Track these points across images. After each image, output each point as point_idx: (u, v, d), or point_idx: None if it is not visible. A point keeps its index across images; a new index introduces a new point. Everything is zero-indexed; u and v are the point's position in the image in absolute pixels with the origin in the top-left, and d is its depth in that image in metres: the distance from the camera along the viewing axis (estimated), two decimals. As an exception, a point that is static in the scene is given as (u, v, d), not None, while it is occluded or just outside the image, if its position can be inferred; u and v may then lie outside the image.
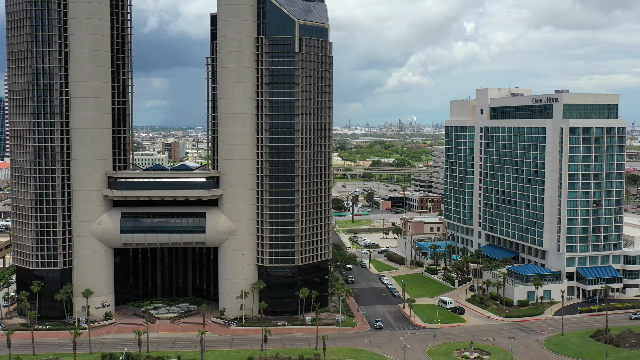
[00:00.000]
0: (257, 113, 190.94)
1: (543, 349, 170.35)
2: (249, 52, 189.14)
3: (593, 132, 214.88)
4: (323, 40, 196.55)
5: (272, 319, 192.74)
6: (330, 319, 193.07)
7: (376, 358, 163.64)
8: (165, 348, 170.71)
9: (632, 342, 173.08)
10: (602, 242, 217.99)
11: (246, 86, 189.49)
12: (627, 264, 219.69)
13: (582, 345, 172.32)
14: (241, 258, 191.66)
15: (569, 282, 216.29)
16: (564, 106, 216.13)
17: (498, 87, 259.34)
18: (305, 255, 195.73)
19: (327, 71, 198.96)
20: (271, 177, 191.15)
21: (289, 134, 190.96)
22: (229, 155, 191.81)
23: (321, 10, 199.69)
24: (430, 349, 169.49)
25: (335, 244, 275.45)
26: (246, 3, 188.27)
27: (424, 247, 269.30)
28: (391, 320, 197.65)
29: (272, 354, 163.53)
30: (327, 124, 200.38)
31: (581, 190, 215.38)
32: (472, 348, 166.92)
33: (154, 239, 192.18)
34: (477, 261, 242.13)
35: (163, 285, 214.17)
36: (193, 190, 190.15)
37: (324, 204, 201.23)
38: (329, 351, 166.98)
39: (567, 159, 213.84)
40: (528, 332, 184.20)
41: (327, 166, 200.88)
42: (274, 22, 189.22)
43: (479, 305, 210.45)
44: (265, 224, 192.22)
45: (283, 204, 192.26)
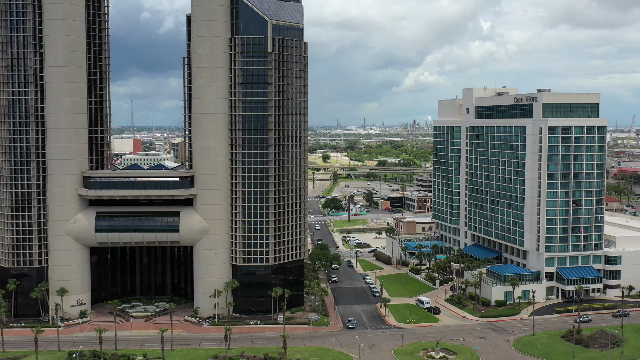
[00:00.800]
0: (230, 113, 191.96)
1: (511, 349, 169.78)
2: (222, 52, 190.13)
3: (572, 132, 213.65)
4: (297, 40, 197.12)
5: (246, 317, 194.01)
6: (304, 318, 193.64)
7: (341, 357, 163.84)
8: (135, 346, 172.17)
9: (602, 342, 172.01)
10: (582, 242, 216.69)
11: (219, 86, 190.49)
12: (608, 264, 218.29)
13: (551, 345, 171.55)
14: (215, 257, 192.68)
15: (549, 283, 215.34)
16: (543, 105, 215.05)
17: (484, 87, 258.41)
18: (279, 254, 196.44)
19: (302, 71, 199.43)
20: (244, 177, 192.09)
21: (262, 133, 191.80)
22: (203, 155, 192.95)
23: (296, 10, 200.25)
24: (397, 349, 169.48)
25: (321, 244, 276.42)
26: (219, 4, 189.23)
27: (410, 246, 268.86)
28: (365, 320, 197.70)
29: (238, 352, 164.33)
30: (302, 123, 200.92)
31: (560, 190, 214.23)
32: (438, 348, 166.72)
33: (129, 238, 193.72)
34: (460, 261, 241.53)
35: (142, 284, 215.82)
36: (166, 189, 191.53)
37: (298, 204, 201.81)
38: (296, 350, 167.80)
39: (545, 159, 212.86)
40: (500, 332, 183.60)
41: (301, 166, 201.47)
42: (247, 23, 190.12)
43: (456, 305, 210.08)
44: (238, 224, 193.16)
45: (256, 204, 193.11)
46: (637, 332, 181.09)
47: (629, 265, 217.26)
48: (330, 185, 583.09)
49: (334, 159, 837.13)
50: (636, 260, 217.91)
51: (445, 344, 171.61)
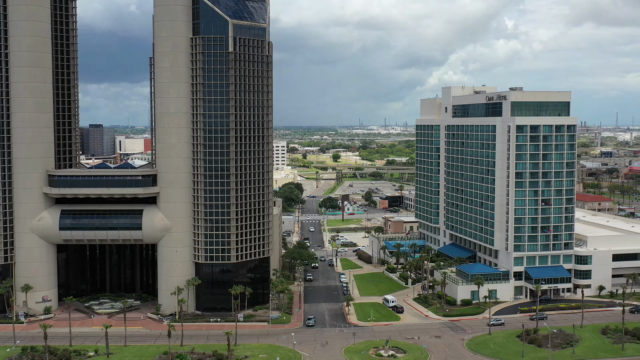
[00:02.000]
0: (192, 112, 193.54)
1: (463, 348, 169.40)
2: (183, 52, 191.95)
3: (541, 130, 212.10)
4: (260, 40, 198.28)
5: (208, 315, 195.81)
6: (266, 315, 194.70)
7: (290, 354, 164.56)
8: (92, 342, 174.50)
9: (556, 342, 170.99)
10: (552, 242, 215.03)
11: (181, 85, 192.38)
12: (579, 264, 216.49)
13: (504, 345, 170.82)
14: (177, 254, 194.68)
15: (517, 282, 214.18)
16: (512, 104, 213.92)
17: (462, 86, 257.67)
18: (241, 252, 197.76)
19: (266, 70, 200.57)
20: (206, 176, 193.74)
21: (224, 132, 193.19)
22: (165, 153, 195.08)
23: (260, 10, 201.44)
24: (349, 347, 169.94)
25: (300, 243, 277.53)
26: (180, 4, 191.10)
27: (389, 245, 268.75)
28: (327, 318, 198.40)
29: (189, 349, 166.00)
30: (266, 122, 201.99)
31: (529, 189, 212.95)
32: (388, 346, 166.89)
33: (92, 235, 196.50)
34: (431, 259, 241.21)
35: (111, 282, 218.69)
36: (129, 188, 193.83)
37: (263, 202, 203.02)
38: (247, 347, 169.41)
39: (513, 157, 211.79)
40: (457, 332, 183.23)
41: (265, 164, 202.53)
42: (208, 22, 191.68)
43: (422, 304, 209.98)
44: (200, 222, 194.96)
45: (218, 202, 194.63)
46: (596, 332, 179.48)
47: (599, 265, 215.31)
48: (334, 185, 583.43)
49: (345, 158, 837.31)
50: (607, 260, 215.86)
51: (397, 342, 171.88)
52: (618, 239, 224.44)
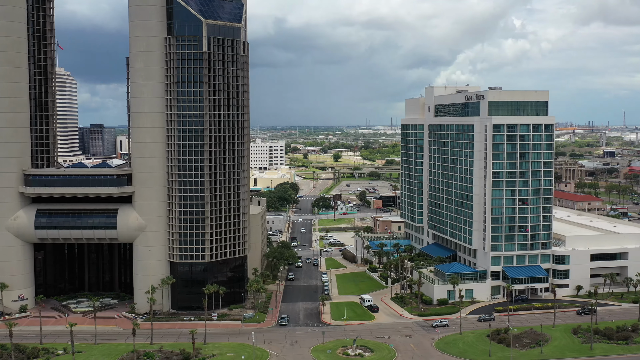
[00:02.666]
0: (166, 112, 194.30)
1: (432, 348, 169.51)
2: (157, 51, 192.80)
3: (518, 130, 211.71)
4: (235, 40, 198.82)
5: (183, 314, 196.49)
6: (240, 315, 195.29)
7: (258, 353, 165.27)
8: (64, 340, 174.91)
9: (526, 342, 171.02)
10: (530, 242, 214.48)
11: (155, 85, 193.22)
12: (557, 264, 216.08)
13: (472, 344, 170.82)
14: (151, 253, 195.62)
15: (495, 282, 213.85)
16: (489, 103, 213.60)
17: (444, 85, 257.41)
18: (216, 251, 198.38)
19: (241, 70, 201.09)
20: (180, 175, 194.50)
21: (198, 132, 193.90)
22: (140, 153, 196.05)
23: (235, 10, 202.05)
24: (317, 346, 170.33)
25: (283, 242, 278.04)
26: (154, 4, 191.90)
27: (373, 245, 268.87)
28: (302, 317, 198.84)
29: (157, 347, 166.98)
30: (242, 122, 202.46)
31: (506, 189, 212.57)
32: (355, 345, 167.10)
33: (68, 234, 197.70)
34: (416, 259, 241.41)
35: (90, 281, 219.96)
36: (103, 187, 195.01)
37: (238, 201, 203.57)
38: (216, 346, 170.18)
39: (490, 157, 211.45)
40: (428, 331, 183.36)
41: (241, 164, 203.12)
42: (182, 22, 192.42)
43: (399, 303, 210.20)
44: (175, 221, 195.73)
45: (192, 201, 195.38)
46: (567, 332, 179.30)
47: (577, 264, 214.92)
48: (332, 185, 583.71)
49: (345, 158, 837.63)
50: (585, 259, 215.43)
51: (365, 342, 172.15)
52: (597, 239, 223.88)
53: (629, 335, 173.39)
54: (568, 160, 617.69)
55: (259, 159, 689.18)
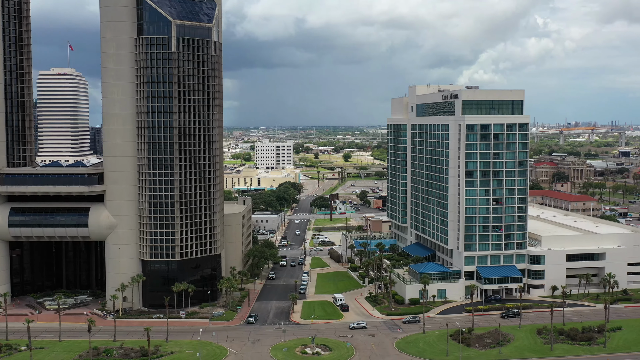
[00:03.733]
0: (137, 111, 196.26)
1: (391, 347, 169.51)
2: (127, 52, 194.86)
3: (492, 129, 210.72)
4: (205, 40, 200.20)
5: (153, 311, 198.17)
6: (209, 313, 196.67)
7: (217, 350, 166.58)
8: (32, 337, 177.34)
9: (487, 342, 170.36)
10: (504, 241, 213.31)
11: (125, 85, 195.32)
12: (532, 264, 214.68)
13: (432, 344, 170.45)
14: (123, 251, 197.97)
15: (468, 281, 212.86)
16: (463, 102, 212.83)
17: (427, 84, 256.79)
18: (187, 250, 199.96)
19: (212, 70, 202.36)
20: (150, 174, 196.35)
21: (168, 131, 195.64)
22: (111, 152, 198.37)
23: (207, 10, 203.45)
24: (278, 344, 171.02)
25: (266, 241, 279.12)
26: (124, 4, 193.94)
27: (357, 244, 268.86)
28: (271, 316, 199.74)
29: (118, 344, 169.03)
30: (213, 122, 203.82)
31: (480, 188, 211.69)
32: (314, 344, 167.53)
33: (41, 232, 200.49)
34: (396, 259, 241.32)
35: (68, 278, 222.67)
36: (74, 186, 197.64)
37: (210, 200, 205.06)
38: (178, 343, 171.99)
39: (464, 156, 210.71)
40: (393, 330, 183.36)
41: (213, 163, 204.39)
42: (151, 23, 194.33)
43: (371, 302, 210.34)
44: (145, 219, 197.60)
45: (162, 200, 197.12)
46: (532, 332, 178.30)
47: (552, 265, 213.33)
48: (336, 185, 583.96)
49: (356, 158, 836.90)
50: (560, 259, 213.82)
51: (326, 340, 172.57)
52: (574, 239, 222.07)
53: (592, 336, 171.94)
54: (576, 160, 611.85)
55: (266, 158, 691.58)
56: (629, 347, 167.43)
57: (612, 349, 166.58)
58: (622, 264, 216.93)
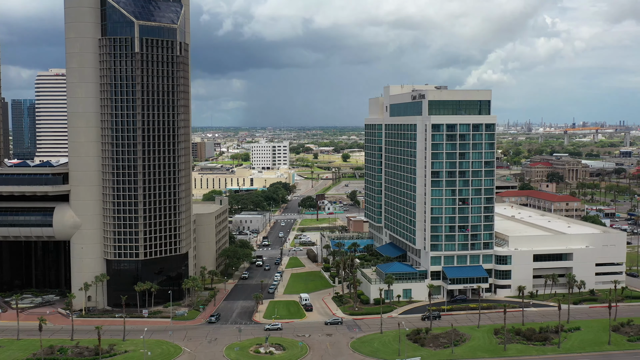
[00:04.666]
0: (100, 112, 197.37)
1: (346, 347, 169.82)
2: (91, 52, 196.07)
3: (457, 129, 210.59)
4: (170, 41, 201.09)
5: (117, 310, 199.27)
6: (173, 312, 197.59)
7: (171, 350, 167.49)
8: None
9: (442, 342, 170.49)
10: (471, 242, 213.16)
11: (89, 86, 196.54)
12: (499, 264, 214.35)
13: (386, 344, 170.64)
14: (87, 251, 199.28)
15: (435, 281, 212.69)
16: (429, 103, 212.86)
17: (401, 84, 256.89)
18: (150, 249, 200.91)
19: (177, 70, 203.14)
20: (114, 174, 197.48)
21: (131, 132, 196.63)
22: (76, 152, 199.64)
23: (171, 10, 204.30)
24: (233, 344, 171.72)
25: (241, 241, 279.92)
26: (87, 5, 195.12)
27: (333, 244, 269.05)
28: (234, 316, 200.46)
29: (74, 343, 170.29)
30: (178, 122, 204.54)
31: (446, 188, 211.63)
32: (268, 343, 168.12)
33: (6, 232, 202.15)
34: (368, 259, 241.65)
35: (37, 277, 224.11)
36: (39, 186, 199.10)
37: (175, 200, 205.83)
38: (134, 342, 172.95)
39: (429, 156, 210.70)
40: (351, 330, 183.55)
41: (178, 163, 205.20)
42: (114, 24, 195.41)
43: (337, 302, 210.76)
44: (109, 219, 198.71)
45: (125, 200, 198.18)
46: (489, 332, 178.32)
47: (519, 265, 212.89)
48: (330, 185, 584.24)
49: (355, 158, 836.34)
50: (527, 260, 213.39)
51: (282, 340, 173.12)
52: (542, 240, 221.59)
53: (548, 336, 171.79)
54: (571, 160, 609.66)
55: (262, 159, 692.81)
56: (583, 348, 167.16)
57: (566, 349, 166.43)
58: (590, 264, 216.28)
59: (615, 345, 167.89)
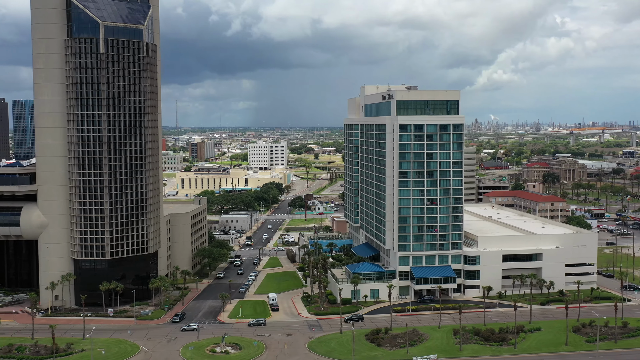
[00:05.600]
0: (67, 112, 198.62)
1: (303, 346, 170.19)
2: (57, 53, 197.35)
3: (425, 129, 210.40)
4: (136, 42, 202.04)
5: (84, 309, 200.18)
6: (137, 311, 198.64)
7: (128, 348, 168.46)
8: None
9: (399, 341, 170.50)
10: (439, 242, 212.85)
11: (55, 86, 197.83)
12: (467, 264, 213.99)
13: (344, 344, 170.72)
14: (54, 250, 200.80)
15: (403, 282, 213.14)
16: (397, 103, 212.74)
17: (376, 85, 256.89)
18: (117, 249, 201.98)
19: (144, 71, 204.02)
20: (80, 174, 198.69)
21: (97, 132, 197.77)
22: (42, 152, 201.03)
23: (138, 11, 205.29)
24: (191, 343, 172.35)
25: (219, 241, 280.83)
26: (53, 6, 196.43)
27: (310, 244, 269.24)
28: (200, 315, 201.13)
29: (33, 342, 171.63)
30: (145, 122, 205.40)
31: (414, 189, 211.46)
32: (224, 342, 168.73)
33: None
34: (343, 259, 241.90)
35: (9, 276, 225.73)
36: (6, 186, 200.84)
37: (142, 200, 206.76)
38: (92, 341, 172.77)
39: (397, 156, 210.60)
40: (312, 330, 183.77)
41: (145, 163, 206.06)
42: (80, 24, 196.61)
43: (305, 302, 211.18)
44: (75, 219, 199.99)
45: (92, 200, 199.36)
46: (448, 333, 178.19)
47: (488, 265, 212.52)
48: (326, 185, 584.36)
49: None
50: (496, 260, 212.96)
51: (240, 339, 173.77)
52: (512, 240, 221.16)
53: (505, 337, 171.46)
54: (567, 161, 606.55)
55: (260, 159, 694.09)
56: (539, 348, 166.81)
57: (522, 349, 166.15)
58: (559, 264, 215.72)
59: (572, 346, 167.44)
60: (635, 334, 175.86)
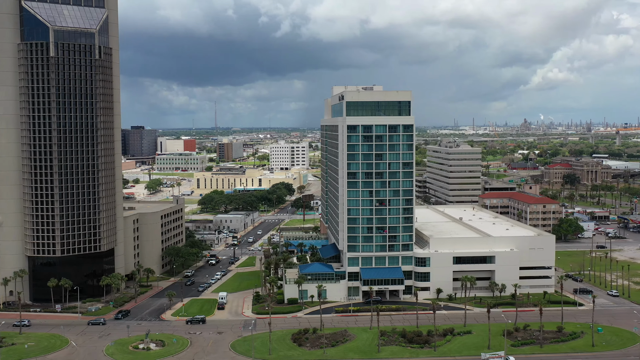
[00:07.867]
0: (20, 114, 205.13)
1: (225, 345, 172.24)
2: (10, 57, 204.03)
3: (374, 130, 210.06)
4: (88, 45, 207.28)
5: (37, 305, 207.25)
6: (85, 308, 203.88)
7: (58, 343, 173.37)
8: None
9: (321, 342, 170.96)
10: (389, 243, 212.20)
11: (8, 89, 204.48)
12: (418, 266, 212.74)
13: (265, 343, 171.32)
14: (8, 247, 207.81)
15: (352, 282, 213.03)
16: (347, 104, 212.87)
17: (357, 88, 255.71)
18: (68, 247, 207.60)
19: (95, 74, 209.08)
20: (31, 174, 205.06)
21: (47, 133, 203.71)
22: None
23: (91, 15, 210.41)
24: (119, 339, 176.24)
25: (192, 240, 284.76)
26: (7, 12, 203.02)
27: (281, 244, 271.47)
28: (145, 313, 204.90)
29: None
30: (97, 123, 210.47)
31: (362, 189, 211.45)
32: (148, 339, 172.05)
33: None
34: (304, 258, 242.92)
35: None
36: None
37: (94, 199, 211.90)
38: (28, 336, 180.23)
39: (345, 157, 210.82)
40: (245, 329, 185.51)
41: (96, 164, 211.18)
42: (31, 29, 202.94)
43: (254, 301, 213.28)
44: (28, 217, 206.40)
45: (43, 199, 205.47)
46: (375, 334, 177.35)
47: (438, 267, 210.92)
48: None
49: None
50: (447, 262, 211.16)
51: (166, 336, 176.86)
52: (465, 242, 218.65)
53: (429, 339, 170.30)
54: (589, 161, 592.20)
55: (281, 159, 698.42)
56: (459, 352, 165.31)
57: (441, 352, 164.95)
58: (513, 267, 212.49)
59: (493, 350, 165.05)
60: (566, 339, 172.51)
